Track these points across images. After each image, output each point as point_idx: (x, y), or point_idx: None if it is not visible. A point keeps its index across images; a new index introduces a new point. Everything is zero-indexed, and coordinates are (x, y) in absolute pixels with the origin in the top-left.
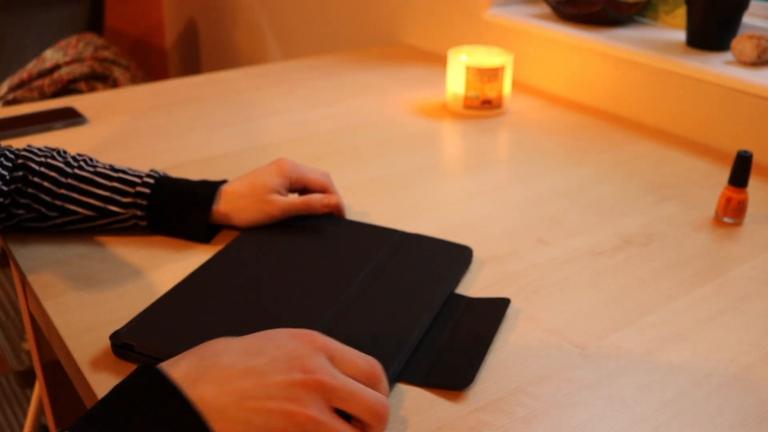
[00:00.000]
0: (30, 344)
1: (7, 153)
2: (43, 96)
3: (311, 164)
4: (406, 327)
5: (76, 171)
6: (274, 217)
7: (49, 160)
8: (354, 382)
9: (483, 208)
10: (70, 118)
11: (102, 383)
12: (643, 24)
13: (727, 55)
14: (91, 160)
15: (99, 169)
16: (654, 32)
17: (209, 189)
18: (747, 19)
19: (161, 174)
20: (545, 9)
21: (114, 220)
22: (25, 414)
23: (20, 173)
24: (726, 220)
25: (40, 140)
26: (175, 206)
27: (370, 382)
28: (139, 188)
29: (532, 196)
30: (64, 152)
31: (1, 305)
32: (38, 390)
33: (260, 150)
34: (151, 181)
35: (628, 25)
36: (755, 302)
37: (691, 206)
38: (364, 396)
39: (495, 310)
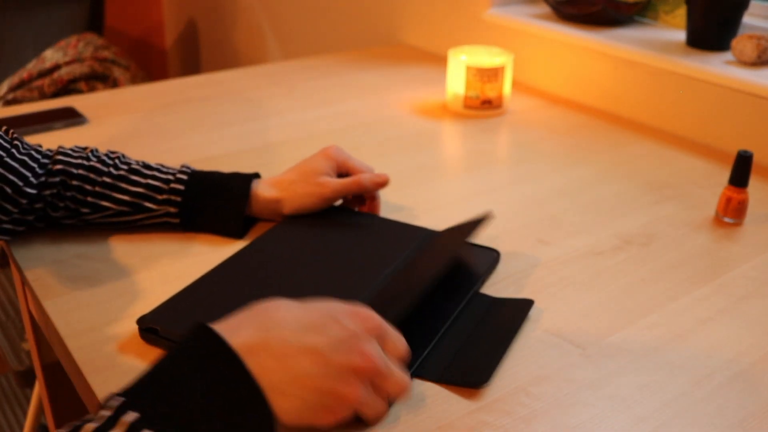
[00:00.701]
0: (30, 344)
1: (33, 153)
2: (43, 96)
3: None
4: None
5: (111, 170)
6: (327, 198)
7: (84, 162)
8: (394, 367)
9: (483, 208)
10: (70, 118)
11: (102, 383)
12: (643, 24)
13: (727, 55)
14: (123, 156)
15: (133, 167)
16: (654, 32)
17: (243, 180)
18: (747, 19)
19: (193, 169)
20: (545, 9)
21: (147, 216)
22: (25, 414)
23: (57, 179)
24: (726, 220)
25: (40, 140)
26: (210, 201)
27: (401, 363)
28: (173, 185)
29: (532, 196)
30: (97, 150)
31: (1, 305)
32: (38, 390)
33: (260, 150)
34: (185, 177)
35: (628, 25)
36: (755, 302)
37: (691, 206)
38: (399, 379)
39: (517, 310)
